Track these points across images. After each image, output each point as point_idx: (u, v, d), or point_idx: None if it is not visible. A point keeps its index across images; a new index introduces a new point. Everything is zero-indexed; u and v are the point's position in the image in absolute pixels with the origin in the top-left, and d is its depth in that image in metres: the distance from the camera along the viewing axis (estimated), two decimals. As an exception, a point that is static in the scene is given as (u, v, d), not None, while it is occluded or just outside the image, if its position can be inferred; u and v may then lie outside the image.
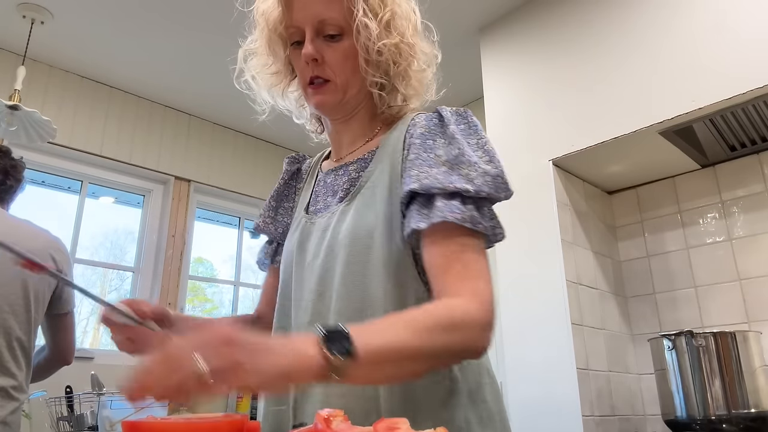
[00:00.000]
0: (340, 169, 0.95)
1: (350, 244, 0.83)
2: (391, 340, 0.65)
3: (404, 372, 0.70)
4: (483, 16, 2.54)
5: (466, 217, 0.77)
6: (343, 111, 0.94)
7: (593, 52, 2.16)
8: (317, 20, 0.87)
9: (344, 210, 0.88)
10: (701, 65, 1.87)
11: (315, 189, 1.01)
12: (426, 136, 0.85)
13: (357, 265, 0.82)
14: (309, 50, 0.87)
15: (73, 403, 2.28)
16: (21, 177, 1.81)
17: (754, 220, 2.08)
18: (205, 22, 2.65)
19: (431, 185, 0.78)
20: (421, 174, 0.80)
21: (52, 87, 2.92)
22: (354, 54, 0.88)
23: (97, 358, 2.77)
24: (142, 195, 3.26)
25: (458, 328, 0.70)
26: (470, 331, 0.72)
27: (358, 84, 0.90)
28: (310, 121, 1.07)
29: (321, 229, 0.90)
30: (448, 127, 0.85)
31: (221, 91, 3.21)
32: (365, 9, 0.85)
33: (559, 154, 2.15)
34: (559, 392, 1.92)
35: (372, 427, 0.50)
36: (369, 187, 0.87)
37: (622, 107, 2.02)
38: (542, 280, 2.06)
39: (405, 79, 0.92)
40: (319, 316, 0.84)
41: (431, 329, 0.68)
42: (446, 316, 0.70)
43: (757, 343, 1.77)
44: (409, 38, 0.90)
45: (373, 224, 0.83)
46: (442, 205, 0.77)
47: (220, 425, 0.57)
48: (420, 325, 0.68)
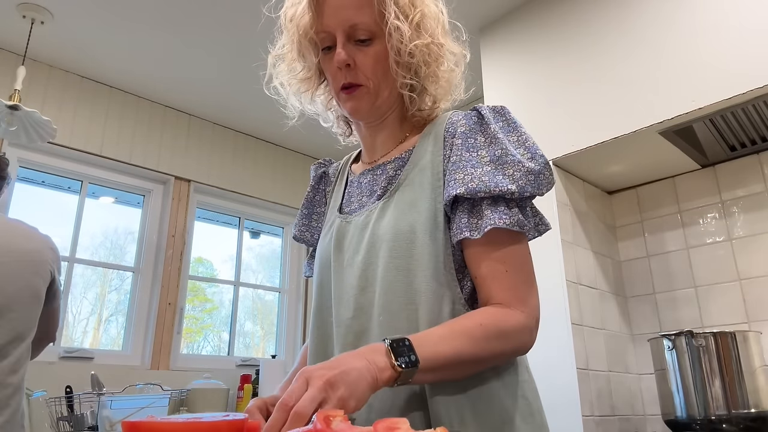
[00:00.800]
0: (377, 169, 0.95)
1: (392, 239, 0.84)
2: (448, 349, 0.72)
3: (458, 375, 0.77)
4: (483, 16, 2.54)
5: (514, 221, 0.81)
6: (376, 114, 0.94)
7: (593, 51, 2.16)
8: (348, 25, 0.88)
9: (383, 207, 0.88)
10: (701, 65, 1.87)
11: (347, 190, 1.01)
12: (467, 135, 0.86)
13: (400, 260, 0.83)
14: (342, 56, 0.88)
15: (73, 403, 2.28)
16: (5, 174, 1.79)
17: (754, 220, 2.08)
18: (205, 22, 2.65)
19: (477, 189, 0.80)
20: (466, 177, 0.82)
21: (52, 87, 2.92)
22: (385, 57, 0.89)
23: (97, 358, 2.77)
24: (142, 195, 3.26)
25: (509, 336, 0.78)
26: (520, 337, 0.79)
27: (390, 87, 0.91)
28: (337, 123, 1.07)
29: (359, 227, 0.90)
30: (489, 126, 0.86)
31: (221, 91, 3.21)
32: (396, 12, 0.86)
33: (559, 154, 2.15)
34: (559, 392, 1.92)
35: (372, 427, 0.50)
36: (408, 184, 0.88)
37: (622, 107, 2.02)
38: (542, 280, 2.05)
39: (435, 80, 0.93)
40: (361, 311, 0.85)
41: (487, 337, 0.75)
42: (495, 326, 0.77)
43: (757, 343, 1.77)
44: (439, 38, 0.91)
45: (415, 220, 0.84)
46: (490, 213, 0.80)
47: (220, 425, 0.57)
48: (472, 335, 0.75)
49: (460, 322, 0.76)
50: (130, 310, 3.03)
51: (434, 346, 0.71)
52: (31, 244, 1.67)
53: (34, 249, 1.65)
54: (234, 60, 2.91)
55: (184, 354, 3.14)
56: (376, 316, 0.83)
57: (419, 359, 0.69)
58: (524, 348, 0.82)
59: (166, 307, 3.05)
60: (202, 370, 2.97)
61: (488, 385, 0.81)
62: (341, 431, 0.50)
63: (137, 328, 2.99)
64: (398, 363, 0.68)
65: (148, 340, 2.96)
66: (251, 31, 2.64)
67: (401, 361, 0.68)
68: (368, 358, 0.68)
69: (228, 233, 3.66)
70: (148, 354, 2.93)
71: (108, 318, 3.13)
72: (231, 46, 2.81)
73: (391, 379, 0.68)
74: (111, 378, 2.56)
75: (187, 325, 3.26)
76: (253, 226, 3.76)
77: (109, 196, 3.19)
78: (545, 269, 2.06)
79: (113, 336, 3.08)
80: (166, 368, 2.95)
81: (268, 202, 3.64)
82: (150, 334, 2.97)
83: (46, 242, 1.72)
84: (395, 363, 0.67)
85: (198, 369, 3.00)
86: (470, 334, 0.74)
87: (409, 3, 0.88)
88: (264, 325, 3.71)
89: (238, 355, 3.37)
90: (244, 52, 2.81)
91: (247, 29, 2.64)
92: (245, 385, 2.99)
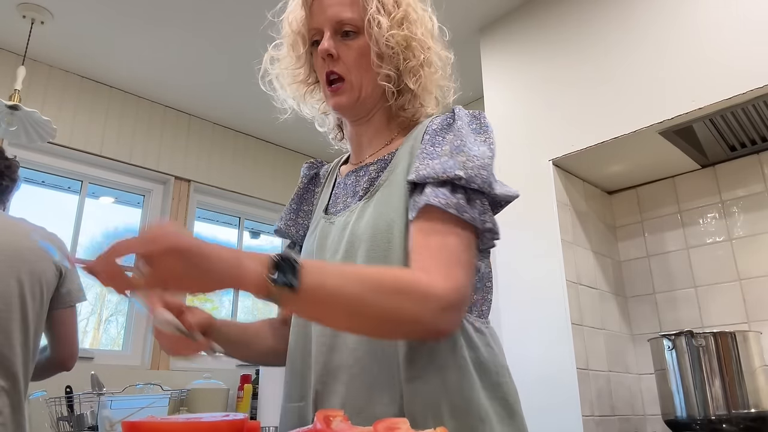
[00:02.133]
0: (360, 170, 0.97)
1: (370, 239, 0.85)
2: (336, 285, 0.68)
3: (349, 323, 0.73)
4: (483, 16, 2.54)
5: (451, 203, 0.78)
6: (360, 111, 0.97)
7: (593, 51, 2.16)
8: (335, 20, 0.93)
9: (363, 207, 0.90)
10: (701, 65, 1.87)
11: (334, 191, 1.03)
12: (437, 132, 0.89)
13: (378, 259, 0.83)
14: (324, 45, 0.92)
15: (73, 403, 2.28)
16: (16, 177, 1.81)
17: (754, 220, 2.08)
18: (205, 22, 2.65)
19: (427, 175, 0.81)
20: (420, 165, 0.83)
21: (52, 87, 2.91)
22: (367, 52, 0.92)
23: (97, 358, 2.77)
24: (142, 195, 3.26)
25: (411, 296, 0.71)
26: (425, 304, 0.72)
27: (372, 82, 0.94)
28: (332, 129, 1.10)
29: (340, 227, 0.92)
30: (458, 123, 0.88)
31: (221, 92, 3.21)
32: (378, 6, 0.91)
33: (559, 154, 2.15)
34: (559, 392, 1.92)
35: (372, 427, 0.50)
36: (388, 185, 0.89)
37: (622, 107, 2.02)
38: (542, 280, 2.06)
39: (414, 76, 0.94)
40: None
41: (381, 288, 0.70)
42: (402, 282, 0.72)
43: (757, 343, 1.77)
44: (420, 36, 0.94)
45: (392, 219, 0.85)
46: (430, 191, 0.80)
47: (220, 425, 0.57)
48: (371, 281, 0.71)
49: (368, 268, 0.75)
50: (130, 310, 3.03)
51: (322, 277, 0.68)
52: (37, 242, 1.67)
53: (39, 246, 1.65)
54: (234, 60, 2.91)
55: (184, 354, 3.14)
56: None
57: (300, 285, 0.65)
58: (430, 323, 0.73)
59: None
60: (202, 370, 2.97)
61: (468, 385, 0.79)
62: (341, 431, 0.50)
63: (137, 328, 2.99)
64: (270, 278, 0.64)
65: (148, 340, 2.96)
66: (251, 31, 2.64)
67: (277, 278, 0.64)
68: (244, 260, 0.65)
69: (228, 233, 3.66)
70: (148, 354, 2.94)
71: (108, 318, 3.13)
72: (231, 46, 2.81)
73: (259, 291, 0.64)
74: (111, 378, 2.55)
75: (187, 325, 3.26)
76: (253, 226, 3.76)
77: (109, 196, 3.19)
78: (545, 269, 2.06)
79: (113, 336, 3.08)
80: (166, 368, 2.95)
81: (268, 202, 3.64)
82: (150, 334, 2.97)
83: (54, 239, 1.73)
84: (268, 276, 0.64)
85: (198, 369, 3.00)
86: (369, 277, 0.71)
87: (393, 2, 0.93)
88: (264, 325, 3.70)
89: (238, 355, 3.37)
90: (244, 53, 2.81)
91: (248, 29, 2.64)
92: (245, 385, 2.99)
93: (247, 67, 3.15)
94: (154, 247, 0.61)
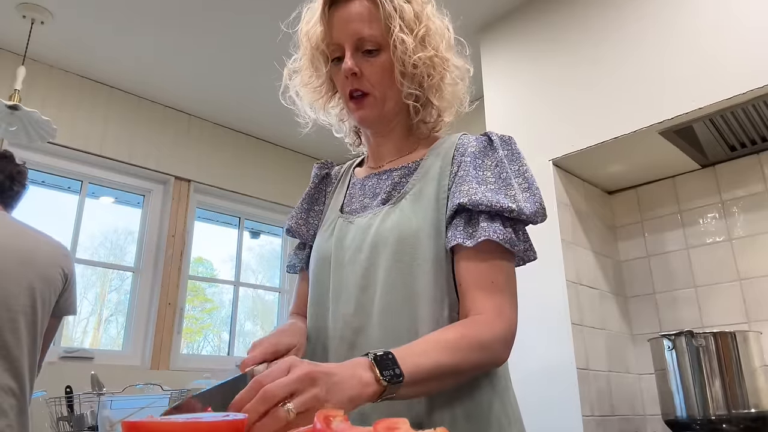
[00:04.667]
0: (383, 174, 1.00)
1: (397, 242, 0.87)
2: (431, 362, 0.73)
3: (441, 386, 0.79)
4: (483, 16, 2.54)
5: (507, 238, 0.84)
6: (383, 124, 0.99)
7: (593, 52, 2.16)
8: (357, 37, 0.93)
9: (389, 211, 0.92)
10: (701, 65, 1.87)
11: (349, 191, 1.05)
12: (476, 155, 0.92)
13: (403, 263, 0.86)
14: (348, 65, 0.92)
15: (73, 403, 2.28)
16: (25, 182, 1.88)
17: (754, 220, 2.08)
18: (204, 22, 2.65)
19: (479, 201, 0.84)
20: (470, 190, 0.86)
21: (52, 87, 2.91)
22: (390, 68, 0.93)
23: (97, 358, 2.77)
24: (142, 195, 3.26)
25: (488, 348, 0.80)
26: (496, 348, 0.81)
27: (395, 97, 0.95)
28: (349, 135, 1.12)
29: (362, 228, 0.94)
30: (497, 151, 0.91)
31: (221, 91, 3.21)
32: (401, 25, 0.91)
33: (559, 154, 2.15)
34: (559, 392, 1.92)
35: (372, 427, 0.50)
36: (415, 193, 0.92)
37: (622, 107, 2.02)
38: (542, 280, 2.06)
39: (438, 92, 0.97)
40: (362, 309, 0.88)
41: (465, 350, 0.77)
42: (476, 338, 0.79)
43: (757, 343, 1.77)
44: (442, 52, 0.96)
45: (419, 226, 0.88)
46: (486, 225, 0.84)
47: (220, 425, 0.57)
48: (455, 347, 0.76)
49: (443, 335, 0.78)
50: (130, 310, 3.03)
51: (417, 359, 0.72)
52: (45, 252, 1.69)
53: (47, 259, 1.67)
54: (234, 60, 2.91)
55: (184, 354, 3.14)
56: (375, 314, 0.86)
57: (404, 373, 0.69)
58: (500, 361, 0.84)
59: (166, 307, 3.05)
60: (202, 370, 2.97)
61: (480, 391, 0.85)
62: (341, 431, 0.50)
63: (137, 328, 2.99)
64: (383, 377, 0.67)
65: (148, 340, 2.96)
66: (251, 31, 2.64)
67: (386, 375, 0.67)
68: (353, 371, 0.67)
69: (228, 233, 3.65)
70: (148, 354, 2.93)
71: (108, 318, 3.13)
72: (231, 46, 2.81)
73: (376, 394, 0.67)
74: (111, 378, 2.55)
75: (187, 325, 3.26)
76: (253, 226, 3.76)
77: (109, 196, 3.19)
78: (545, 269, 2.06)
79: (113, 336, 3.08)
80: (166, 368, 2.95)
81: (268, 202, 3.63)
82: (150, 334, 2.97)
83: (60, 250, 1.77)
84: (380, 377, 0.67)
85: (198, 369, 3.00)
86: (452, 346, 0.76)
87: (414, 18, 0.93)
88: (264, 326, 3.70)
89: (238, 355, 3.37)
90: (244, 52, 2.81)
91: (248, 29, 2.64)
92: (245, 385, 2.99)
93: (248, 68, 3.16)
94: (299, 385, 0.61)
